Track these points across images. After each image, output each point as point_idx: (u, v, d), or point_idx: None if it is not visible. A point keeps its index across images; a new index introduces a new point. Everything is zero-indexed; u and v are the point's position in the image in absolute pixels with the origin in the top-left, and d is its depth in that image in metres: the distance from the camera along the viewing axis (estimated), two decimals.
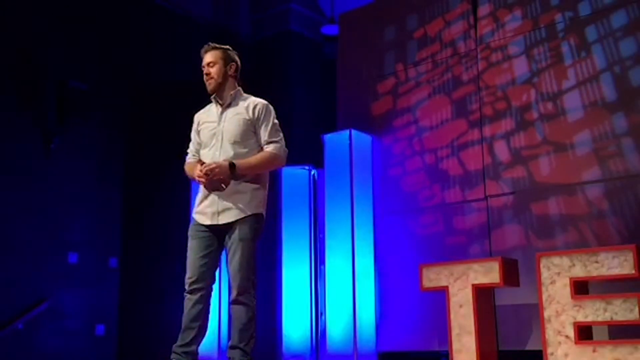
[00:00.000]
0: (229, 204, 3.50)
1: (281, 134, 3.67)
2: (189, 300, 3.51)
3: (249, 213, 3.51)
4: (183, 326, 3.50)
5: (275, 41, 7.75)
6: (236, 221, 3.49)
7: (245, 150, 3.57)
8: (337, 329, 5.61)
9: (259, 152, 3.61)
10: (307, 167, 6.19)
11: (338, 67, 6.62)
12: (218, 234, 3.56)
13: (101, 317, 6.17)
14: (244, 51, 7.64)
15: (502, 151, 5.33)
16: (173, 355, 3.44)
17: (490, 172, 5.35)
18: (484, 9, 5.67)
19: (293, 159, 6.25)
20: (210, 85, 3.66)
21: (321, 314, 5.89)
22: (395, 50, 6.18)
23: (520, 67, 5.36)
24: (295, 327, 5.92)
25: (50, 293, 5.78)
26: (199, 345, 3.52)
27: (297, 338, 5.91)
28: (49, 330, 5.75)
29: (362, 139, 5.96)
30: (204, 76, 3.67)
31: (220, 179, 3.47)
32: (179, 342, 3.47)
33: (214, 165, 3.45)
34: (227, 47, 3.74)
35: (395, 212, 5.83)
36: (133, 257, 6.49)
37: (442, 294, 4.46)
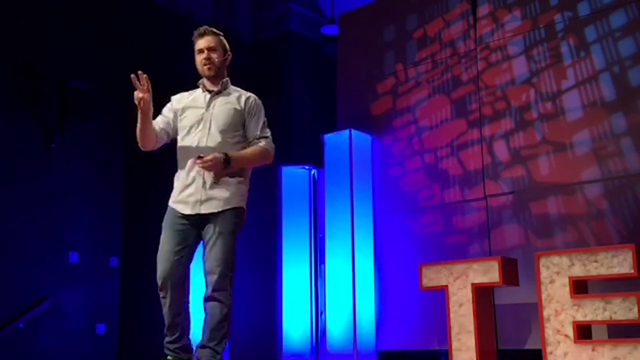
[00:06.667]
0: (214, 194, 3.36)
1: (270, 131, 3.56)
2: (163, 298, 3.34)
3: (232, 206, 3.36)
4: (167, 323, 3.35)
5: (275, 41, 7.75)
6: (217, 213, 3.33)
7: (234, 140, 3.44)
8: (337, 328, 5.62)
9: (245, 145, 3.49)
10: (307, 167, 6.20)
11: (338, 67, 6.63)
12: (197, 225, 3.38)
13: (102, 317, 6.17)
14: (244, 51, 7.73)
15: (501, 151, 5.34)
16: (169, 353, 3.35)
17: (490, 172, 5.36)
18: (483, 9, 5.68)
19: (293, 158, 6.29)
20: (210, 70, 3.48)
21: (321, 313, 5.91)
22: (395, 50, 6.20)
23: (520, 67, 5.37)
24: (295, 326, 5.94)
25: (51, 292, 5.78)
26: (189, 337, 3.39)
27: (297, 337, 5.92)
28: (50, 329, 5.75)
29: (362, 139, 5.98)
30: (203, 60, 3.49)
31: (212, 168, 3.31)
32: (168, 338, 3.35)
33: (210, 158, 3.28)
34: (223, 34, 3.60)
35: (395, 212, 5.84)
36: (134, 256, 6.48)
37: (441, 293, 4.48)
